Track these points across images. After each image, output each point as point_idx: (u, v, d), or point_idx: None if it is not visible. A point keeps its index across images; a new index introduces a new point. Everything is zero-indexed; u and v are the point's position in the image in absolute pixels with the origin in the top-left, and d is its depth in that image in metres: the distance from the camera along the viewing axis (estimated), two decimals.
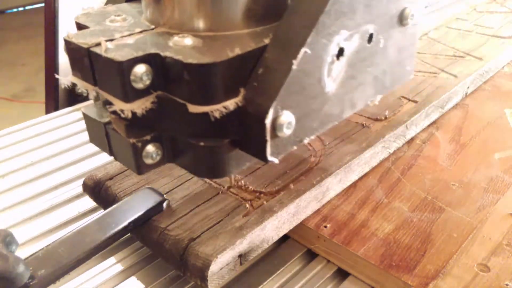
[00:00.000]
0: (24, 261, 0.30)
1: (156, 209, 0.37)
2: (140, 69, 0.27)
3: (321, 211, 0.41)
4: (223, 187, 0.40)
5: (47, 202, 0.46)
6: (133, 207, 0.37)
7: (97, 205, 0.44)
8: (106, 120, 0.31)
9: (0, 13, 3.33)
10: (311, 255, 0.40)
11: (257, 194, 0.40)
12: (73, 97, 0.78)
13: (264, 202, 0.38)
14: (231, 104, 0.27)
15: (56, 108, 0.78)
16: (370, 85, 0.35)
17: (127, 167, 0.31)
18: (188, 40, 0.28)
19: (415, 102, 0.54)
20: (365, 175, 0.46)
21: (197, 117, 0.28)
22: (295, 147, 0.30)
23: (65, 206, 0.46)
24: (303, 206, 0.39)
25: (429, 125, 0.54)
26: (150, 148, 0.29)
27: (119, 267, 0.38)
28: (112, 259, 0.39)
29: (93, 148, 0.54)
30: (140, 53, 0.27)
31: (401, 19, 0.35)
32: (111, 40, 0.29)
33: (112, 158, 0.52)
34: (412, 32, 0.37)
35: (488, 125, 0.54)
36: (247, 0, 0.30)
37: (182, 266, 0.34)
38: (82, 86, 0.31)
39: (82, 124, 0.60)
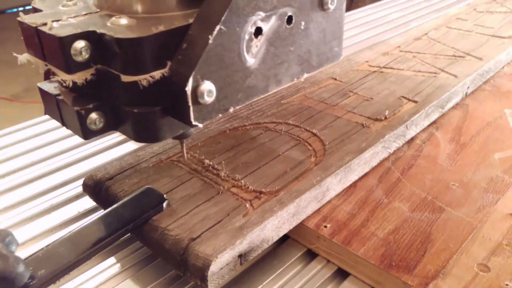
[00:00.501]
0: (24, 261, 0.30)
1: (156, 209, 0.37)
2: (80, 44, 0.30)
3: (321, 211, 0.41)
4: (223, 187, 0.40)
5: (47, 202, 0.46)
6: (133, 207, 0.37)
7: (97, 205, 0.44)
8: (57, 92, 0.35)
9: (0, 13, 3.33)
10: (311, 255, 0.40)
11: (257, 194, 0.40)
12: None
13: (264, 202, 0.38)
14: (157, 74, 0.31)
15: None
16: (295, 63, 0.39)
17: (75, 133, 0.34)
18: (124, 20, 0.32)
19: (415, 102, 0.54)
20: (365, 175, 0.46)
21: (129, 85, 0.31)
22: (220, 115, 0.34)
23: (65, 206, 0.45)
24: (303, 206, 0.39)
25: (429, 125, 0.54)
26: (93, 115, 0.33)
27: (119, 267, 0.38)
28: (112, 259, 0.39)
29: (93, 148, 0.54)
30: (79, 30, 0.31)
31: (322, 4, 0.38)
32: (58, 20, 0.32)
33: (112, 157, 0.53)
34: (335, 16, 0.40)
35: (488, 125, 0.54)
36: None
37: (182, 266, 0.34)
38: (35, 62, 0.34)
39: None
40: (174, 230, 0.36)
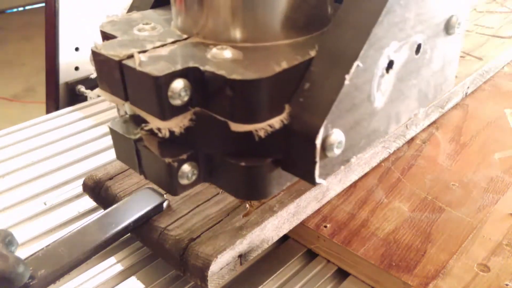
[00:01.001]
0: (24, 261, 0.30)
1: (156, 209, 0.37)
2: (179, 84, 0.25)
3: (321, 211, 0.41)
4: None
5: (47, 202, 0.46)
6: (133, 207, 0.37)
7: (97, 205, 0.44)
8: (137, 136, 0.29)
9: (0, 13, 3.33)
10: (311, 255, 0.40)
11: None
12: (74, 97, 0.78)
13: (264, 202, 0.38)
14: (276, 122, 0.26)
15: (57, 108, 0.78)
16: (415, 98, 0.34)
17: (160, 187, 0.29)
18: (228, 53, 0.27)
19: None
20: (365, 175, 0.46)
21: (240, 136, 0.26)
22: (342, 167, 0.28)
23: (65, 206, 0.45)
24: (303, 206, 0.39)
25: (429, 125, 0.54)
26: (186, 167, 0.28)
27: (119, 267, 0.38)
28: (112, 259, 0.39)
29: (93, 148, 0.54)
30: (178, 67, 0.25)
31: (448, 28, 0.33)
32: (144, 51, 0.27)
33: (112, 157, 0.52)
34: (456, 41, 0.35)
35: (488, 125, 0.54)
36: (287, 9, 0.28)
37: (182, 266, 0.34)
38: (111, 101, 0.29)
39: (82, 124, 0.60)
40: (174, 230, 0.36)
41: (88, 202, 0.45)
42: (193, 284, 0.37)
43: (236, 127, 0.26)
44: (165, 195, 0.39)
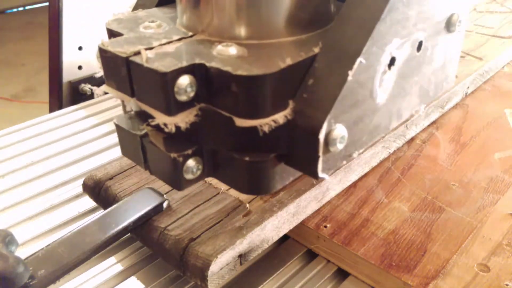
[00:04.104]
0: (24, 261, 0.30)
1: (156, 209, 0.37)
2: (185, 80, 0.26)
3: (321, 211, 0.41)
4: (223, 187, 0.40)
5: (47, 202, 0.46)
6: (133, 207, 0.37)
7: (97, 205, 0.44)
8: (143, 132, 0.29)
9: (0, 13, 3.33)
10: (311, 255, 0.40)
11: None
12: (77, 96, 0.78)
13: (264, 202, 0.38)
14: (280, 117, 0.26)
15: (60, 107, 0.78)
16: (416, 95, 0.35)
17: (165, 182, 0.30)
18: (233, 49, 0.27)
19: None
20: (365, 175, 0.46)
21: (244, 131, 0.26)
22: (344, 162, 0.29)
23: (65, 206, 0.45)
24: (303, 206, 0.39)
25: (429, 125, 0.54)
26: (191, 162, 0.28)
27: (119, 267, 0.38)
28: (112, 259, 0.39)
29: (93, 148, 0.54)
30: (184, 64, 0.26)
31: (449, 25, 0.34)
32: (150, 48, 0.27)
33: (112, 157, 0.52)
34: (457, 39, 0.36)
35: (488, 125, 0.54)
36: (291, 6, 0.29)
37: (182, 266, 0.34)
38: (118, 97, 0.29)
39: (83, 124, 0.60)
40: (174, 230, 0.36)
41: (88, 202, 0.45)
42: (193, 284, 0.37)
43: (241, 122, 0.26)
44: (165, 195, 0.39)
